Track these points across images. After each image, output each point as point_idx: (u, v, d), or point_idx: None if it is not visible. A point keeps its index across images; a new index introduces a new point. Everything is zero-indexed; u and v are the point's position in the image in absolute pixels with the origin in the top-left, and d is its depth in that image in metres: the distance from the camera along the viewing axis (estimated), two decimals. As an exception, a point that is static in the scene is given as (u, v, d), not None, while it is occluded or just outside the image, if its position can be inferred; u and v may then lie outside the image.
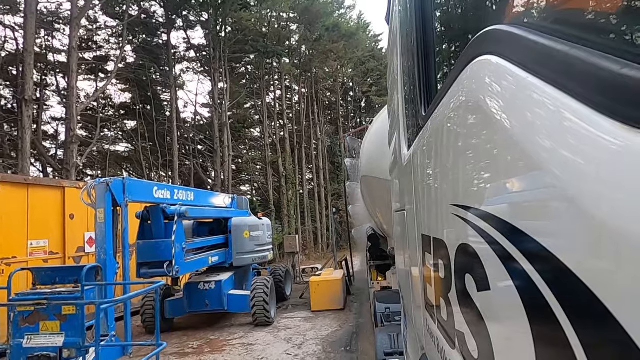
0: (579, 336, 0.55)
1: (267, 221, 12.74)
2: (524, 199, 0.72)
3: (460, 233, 1.07)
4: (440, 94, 1.27)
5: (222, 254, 10.75)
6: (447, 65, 1.41)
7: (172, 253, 7.98)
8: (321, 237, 35.63)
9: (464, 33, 1.22)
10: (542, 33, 0.65)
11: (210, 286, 10.00)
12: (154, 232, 8.51)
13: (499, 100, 0.81)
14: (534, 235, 0.66)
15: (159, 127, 28.07)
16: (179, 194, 9.04)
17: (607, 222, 0.49)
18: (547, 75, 0.62)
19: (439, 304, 1.37)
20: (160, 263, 8.07)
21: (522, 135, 0.70)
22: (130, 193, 7.11)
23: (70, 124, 16.66)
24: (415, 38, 1.66)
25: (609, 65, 0.49)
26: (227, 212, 11.41)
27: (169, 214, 8.45)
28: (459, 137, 1.09)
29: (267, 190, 31.46)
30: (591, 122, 0.52)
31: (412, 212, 1.89)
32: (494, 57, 0.81)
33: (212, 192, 12.19)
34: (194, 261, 9.06)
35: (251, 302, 9.85)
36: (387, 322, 5.91)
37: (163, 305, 10.01)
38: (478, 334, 0.97)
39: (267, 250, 12.19)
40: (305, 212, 35.19)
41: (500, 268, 0.78)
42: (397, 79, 2.39)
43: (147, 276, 8.22)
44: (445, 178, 1.25)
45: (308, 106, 37.05)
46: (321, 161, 37.67)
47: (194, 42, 30.38)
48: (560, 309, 0.58)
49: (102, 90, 24.01)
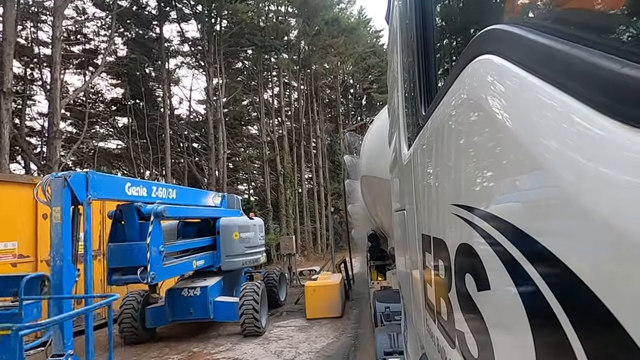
0: (579, 336, 0.55)
1: (259, 221, 11.81)
2: (524, 198, 0.72)
3: (460, 233, 1.06)
4: (440, 93, 1.27)
5: (209, 257, 9.85)
6: (448, 64, 1.41)
7: (147, 257, 7.07)
8: (321, 237, 34.67)
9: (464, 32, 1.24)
10: (543, 32, 0.65)
11: (195, 292, 9.11)
12: (128, 233, 7.58)
13: (500, 99, 0.81)
14: (535, 234, 0.66)
15: (152, 123, 27.13)
16: (158, 192, 8.13)
17: (607, 222, 0.49)
18: (547, 74, 0.63)
19: (439, 304, 1.36)
20: (135, 269, 7.16)
21: (523, 135, 0.70)
22: (95, 189, 6.20)
23: (53, 118, 15.78)
24: (416, 37, 1.67)
25: (609, 65, 0.49)
26: (215, 212, 10.47)
27: (144, 213, 7.52)
28: (459, 137, 1.09)
29: (264, 189, 30.62)
30: (591, 121, 0.52)
31: (412, 211, 1.89)
32: (495, 56, 0.81)
33: (199, 190, 11.26)
34: (174, 266, 8.13)
35: (239, 310, 8.95)
36: (387, 322, 5.89)
37: (143, 313, 9.12)
38: (478, 334, 0.97)
39: (259, 253, 11.29)
40: (305, 212, 34.31)
41: (501, 268, 0.78)
42: (397, 78, 2.39)
43: (120, 283, 7.34)
44: (445, 177, 1.25)
45: (307, 103, 36.14)
46: (321, 160, 36.63)
47: (188, 36, 29.45)
48: (561, 309, 0.58)
49: (88, 83, 23.13)
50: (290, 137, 33.45)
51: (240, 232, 10.46)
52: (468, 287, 1.00)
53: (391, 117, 3.04)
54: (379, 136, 6.24)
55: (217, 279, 9.65)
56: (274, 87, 34.97)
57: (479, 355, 0.97)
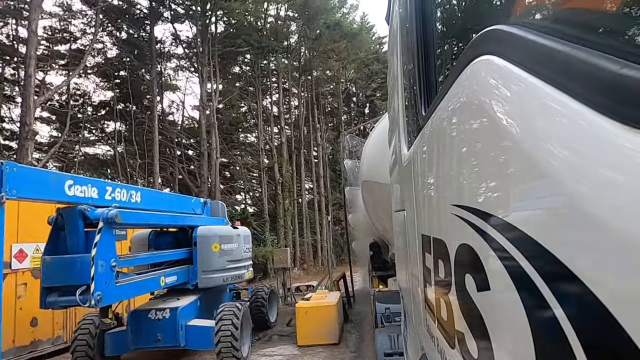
0: (578, 336, 0.55)
1: (245, 231, 10.27)
2: (524, 198, 0.72)
3: (460, 233, 1.06)
4: (440, 94, 1.28)
5: (183, 272, 8.35)
6: (447, 66, 1.41)
7: (90, 274, 5.58)
8: (321, 250, 32.96)
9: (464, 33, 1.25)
10: (542, 33, 0.66)
11: (164, 315, 7.61)
12: (69, 244, 6.07)
13: (499, 100, 0.81)
14: (534, 235, 0.66)
15: (140, 127, 25.72)
16: (114, 193, 6.67)
17: (607, 222, 0.49)
18: (547, 75, 0.63)
19: (438, 305, 1.37)
20: (75, 288, 5.67)
21: (522, 135, 0.71)
22: (15, 185, 4.80)
23: (25, 117, 14.42)
24: (416, 38, 1.67)
25: (609, 65, 0.50)
26: (190, 220, 8.92)
27: (92, 219, 6.04)
28: (459, 138, 1.10)
29: (261, 199, 29.15)
30: (591, 122, 0.52)
31: (412, 212, 1.89)
32: (494, 57, 0.82)
33: (173, 194, 9.76)
34: (133, 284, 6.58)
35: (215, 337, 7.42)
36: (387, 323, 5.93)
37: (102, 339, 7.62)
38: (478, 334, 0.98)
39: (243, 268, 9.77)
40: (304, 223, 32.76)
41: (501, 268, 0.79)
42: (397, 79, 2.39)
43: (56, 306, 5.84)
44: (445, 178, 1.26)
45: (308, 110, 34.97)
46: (322, 168, 35.01)
47: (181, 37, 28.21)
48: (560, 309, 0.59)
49: (69, 82, 21.69)
50: (289, 144, 32.30)
51: (222, 243, 8.97)
52: (468, 288, 1.00)
53: (391, 119, 3.03)
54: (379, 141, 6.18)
55: (192, 299, 8.20)
56: (273, 93, 33.74)
57: (479, 355, 0.97)
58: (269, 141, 30.82)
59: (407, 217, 2.11)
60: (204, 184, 24.29)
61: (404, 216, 2.22)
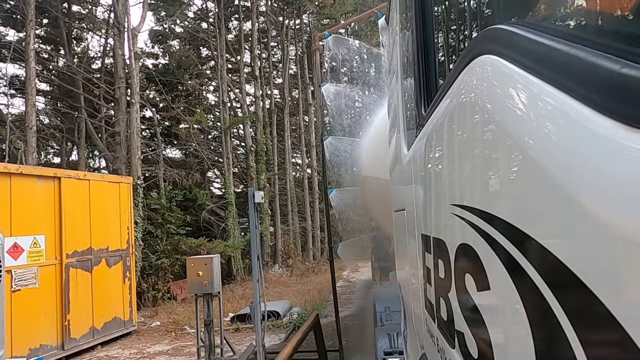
0: (578, 336, 0.55)
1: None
2: (524, 198, 0.72)
3: (460, 233, 1.07)
4: (440, 94, 1.28)
5: None
6: (447, 65, 1.42)
7: None
8: (312, 239, 26.48)
9: (464, 32, 1.26)
10: (542, 33, 0.66)
11: None
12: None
13: (499, 99, 0.81)
14: (534, 234, 0.66)
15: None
16: None
17: (607, 221, 0.49)
18: (547, 74, 0.63)
19: (439, 304, 1.38)
20: None
21: (522, 135, 0.70)
22: None
23: None
24: (416, 37, 1.67)
25: (609, 65, 0.50)
26: None
27: None
28: (459, 137, 1.10)
29: (224, 172, 21.36)
30: (591, 121, 0.52)
31: (412, 211, 1.90)
32: (494, 56, 0.82)
33: None
34: None
35: None
36: (387, 322, 5.85)
37: None
38: (478, 334, 0.98)
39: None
40: (290, 205, 25.51)
41: (500, 268, 0.79)
42: (397, 78, 2.39)
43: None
44: (445, 178, 1.26)
45: (298, 62, 26.83)
46: (313, 136, 26.61)
47: None
48: (560, 309, 0.59)
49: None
50: (270, 103, 25.08)
51: None
52: (468, 287, 1.00)
53: (391, 118, 3.03)
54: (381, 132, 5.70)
55: None
56: (243, 22, 24.05)
57: (479, 355, 0.97)
58: (235, 94, 22.96)
59: (407, 217, 2.13)
60: (119, 145, 16.49)
61: (404, 216, 2.24)
